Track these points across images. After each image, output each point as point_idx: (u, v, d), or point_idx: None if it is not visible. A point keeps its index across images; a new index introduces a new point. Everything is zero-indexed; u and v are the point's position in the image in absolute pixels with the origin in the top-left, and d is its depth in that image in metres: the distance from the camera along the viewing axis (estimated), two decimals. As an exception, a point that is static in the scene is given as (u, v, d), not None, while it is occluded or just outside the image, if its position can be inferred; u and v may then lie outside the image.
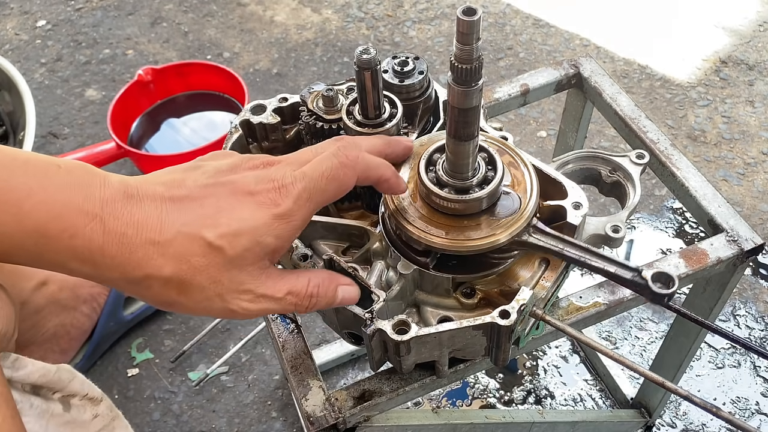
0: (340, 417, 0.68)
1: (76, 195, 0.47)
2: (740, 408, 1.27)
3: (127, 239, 0.48)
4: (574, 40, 1.89)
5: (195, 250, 0.49)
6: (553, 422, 0.98)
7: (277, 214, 0.52)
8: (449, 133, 0.60)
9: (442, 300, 0.67)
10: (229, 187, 0.52)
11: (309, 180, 0.53)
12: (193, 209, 0.50)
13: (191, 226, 0.49)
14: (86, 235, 0.47)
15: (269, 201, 0.52)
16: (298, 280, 0.55)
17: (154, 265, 0.48)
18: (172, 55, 1.91)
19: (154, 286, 0.49)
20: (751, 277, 1.42)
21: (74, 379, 0.67)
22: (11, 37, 1.97)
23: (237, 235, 0.50)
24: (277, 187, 0.52)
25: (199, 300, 0.51)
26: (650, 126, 0.93)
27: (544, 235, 0.65)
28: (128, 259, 0.48)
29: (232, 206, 0.51)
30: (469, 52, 0.53)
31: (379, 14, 1.97)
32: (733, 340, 0.62)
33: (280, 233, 0.52)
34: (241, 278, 0.51)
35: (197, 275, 0.49)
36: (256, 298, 0.53)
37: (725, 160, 1.61)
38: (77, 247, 0.47)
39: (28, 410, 0.62)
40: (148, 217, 0.48)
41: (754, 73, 1.78)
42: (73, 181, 0.48)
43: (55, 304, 1.19)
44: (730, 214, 0.83)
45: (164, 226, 0.48)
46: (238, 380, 1.31)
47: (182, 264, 0.49)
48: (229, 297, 0.51)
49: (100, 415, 0.70)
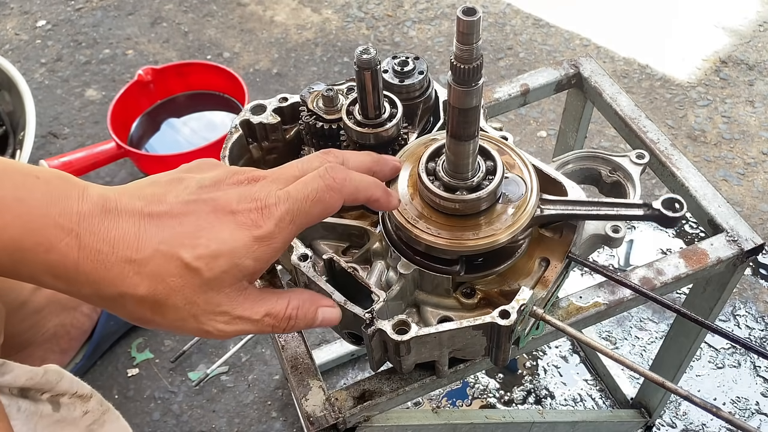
0: (340, 417, 0.68)
1: (53, 208, 0.46)
2: (740, 408, 1.27)
3: (102, 256, 0.47)
4: (574, 40, 1.89)
5: (171, 270, 0.48)
6: (553, 422, 0.98)
7: (257, 236, 0.50)
8: (449, 133, 0.60)
9: (442, 300, 0.67)
10: (211, 204, 0.51)
11: (293, 202, 0.52)
12: (172, 227, 0.49)
13: (169, 244, 0.48)
14: (61, 250, 0.46)
15: (250, 222, 0.50)
16: (277, 302, 0.54)
17: (129, 284, 0.47)
18: (172, 55, 1.91)
19: (128, 304, 0.49)
20: (751, 277, 1.42)
21: (62, 379, 0.67)
22: (11, 37, 1.97)
23: (215, 257, 0.49)
24: (260, 207, 0.51)
25: (174, 320, 0.50)
26: (650, 126, 0.93)
27: (552, 204, 0.67)
28: (103, 277, 0.47)
29: (212, 225, 0.50)
30: (469, 52, 0.53)
31: (379, 14, 1.97)
32: (733, 340, 0.62)
33: (259, 256, 0.51)
34: (217, 300, 0.50)
35: (172, 295, 0.49)
36: (232, 320, 0.52)
37: (725, 160, 1.61)
38: (52, 262, 0.46)
39: (15, 414, 0.61)
40: (125, 233, 0.47)
41: (754, 73, 1.78)
42: (51, 193, 0.47)
43: (55, 304, 1.19)
44: (730, 214, 0.83)
45: (141, 244, 0.48)
46: (238, 380, 1.31)
47: (158, 284, 0.48)
48: (204, 318, 0.50)
49: (91, 411, 0.70)
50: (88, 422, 0.70)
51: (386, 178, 0.65)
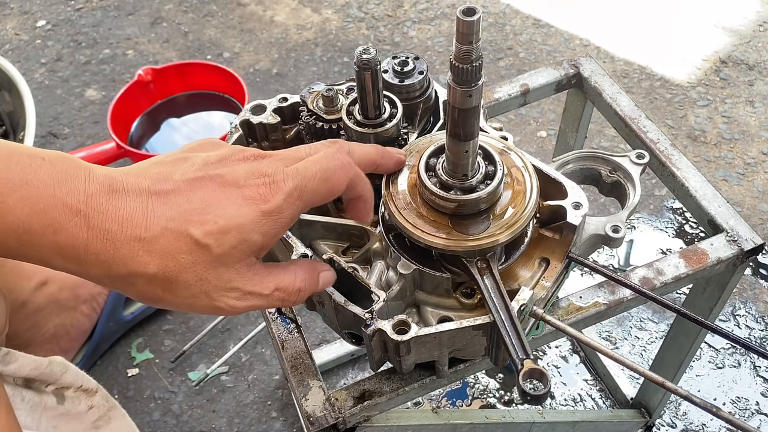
0: (340, 417, 0.68)
1: (60, 189, 0.46)
2: (740, 408, 1.27)
3: (111, 235, 0.46)
4: (574, 40, 1.89)
5: (181, 247, 0.48)
6: (553, 422, 0.98)
7: (265, 210, 0.50)
8: (449, 133, 0.60)
9: (442, 300, 0.67)
10: (218, 180, 0.51)
11: (301, 178, 0.52)
12: (180, 204, 0.49)
13: (177, 222, 0.48)
14: (70, 231, 0.46)
15: (258, 196, 0.51)
16: (285, 275, 0.55)
17: (140, 262, 0.47)
18: (172, 55, 1.91)
19: (139, 283, 0.49)
20: (751, 277, 1.42)
21: (67, 372, 0.67)
22: (11, 37, 1.97)
23: (224, 232, 0.49)
24: (268, 183, 0.51)
25: (185, 297, 0.50)
26: (650, 126, 0.93)
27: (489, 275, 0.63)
28: (113, 256, 0.47)
29: (219, 201, 0.50)
30: (469, 52, 0.53)
31: (379, 14, 1.97)
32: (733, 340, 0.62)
33: (267, 230, 0.51)
34: (228, 276, 0.50)
35: (183, 273, 0.49)
36: (243, 296, 0.52)
37: (725, 160, 1.61)
38: (61, 243, 0.46)
39: (19, 404, 0.61)
40: (134, 212, 0.47)
41: (754, 73, 1.78)
42: (57, 175, 0.47)
43: (55, 304, 1.19)
44: (730, 214, 0.83)
45: (150, 222, 0.47)
46: (238, 380, 1.31)
47: (168, 261, 0.48)
48: (215, 295, 0.51)
49: (96, 406, 0.69)
50: (93, 418, 0.69)
51: (389, 171, 0.66)
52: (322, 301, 0.67)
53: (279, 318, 0.75)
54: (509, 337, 0.59)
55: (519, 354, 0.58)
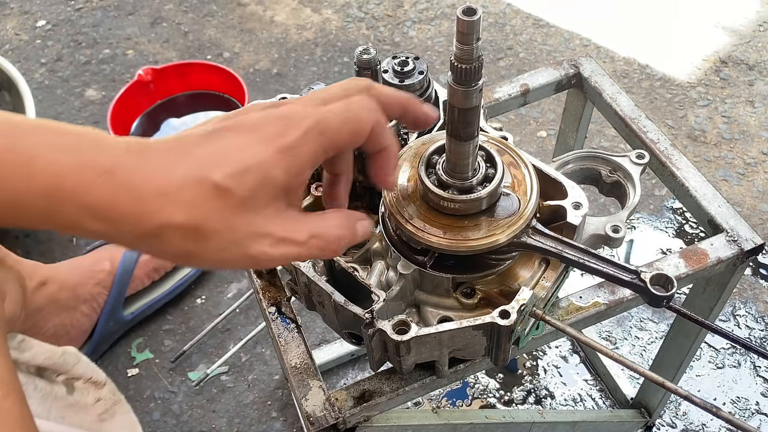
0: (340, 417, 0.68)
1: (87, 153, 0.47)
2: (740, 408, 1.27)
3: (137, 191, 0.47)
4: (574, 40, 1.89)
5: (204, 194, 0.48)
6: (553, 422, 0.98)
7: (282, 146, 0.50)
8: (449, 133, 0.60)
9: (442, 300, 0.67)
10: (235, 129, 0.51)
11: (322, 116, 0.51)
12: (201, 155, 0.49)
13: (199, 170, 0.48)
14: (97, 190, 0.46)
15: (275, 133, 0.50)
16: (320, 222, 0.53)
17: (167, 213, 0.47)
18: (172, 55, 1.91)
19: (168, 237, 0.48)
20: (751, 277, 1.42)
21: (79, 363, 0.67)
22: (11, 37, 1.97)
23: (243, 172, 0.48)
24: (286, 122, 0.51)
25: (217, 248, 0.49)
26: (650, 126, 0.93)
27: (543, 237, 0.65)
28: (140, 211, 0.47)
29: (237, 145, 0.49)
30: (469, 52, 0.53)
31: (379, 14, 1.97)
32: (733, 340, 0.62)
33: (287, 167, 0.50)
34: (257, 221, 0.50)
35: (211, 220, 0.48)
36: (277, 242, 0.51)
37: (725, 160, 1.61)
38: (90, 204, 0.46)
39: (32, 392, 0.62)
40: (158, 167, 0.48)
41: (754, 73, 1.78)
42: (84, 141, 0.47)
43: (55, 304, 1.19)
44: (730, 214, 0.83)
45: (173, 174, 0.48)
46: (238, 380, 1.31)
47: (194, 210, 0.48)
48: (247, 243, 0.50)
49: (103, 399, 0.70)
50: (99, 410, 0.69)
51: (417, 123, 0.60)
52: (322, 301, 0.67)
53: (279, 318, 0.75)
54: (610, 269, 0.61)
55: (628, 275, 0.60)
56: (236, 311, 1.36)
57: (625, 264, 0.62)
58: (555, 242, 0.64)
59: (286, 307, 0.76)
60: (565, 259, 0.64)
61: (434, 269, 0.65)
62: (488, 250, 0.63)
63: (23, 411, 0.46)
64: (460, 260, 0.66)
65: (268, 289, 0.77)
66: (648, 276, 0.59)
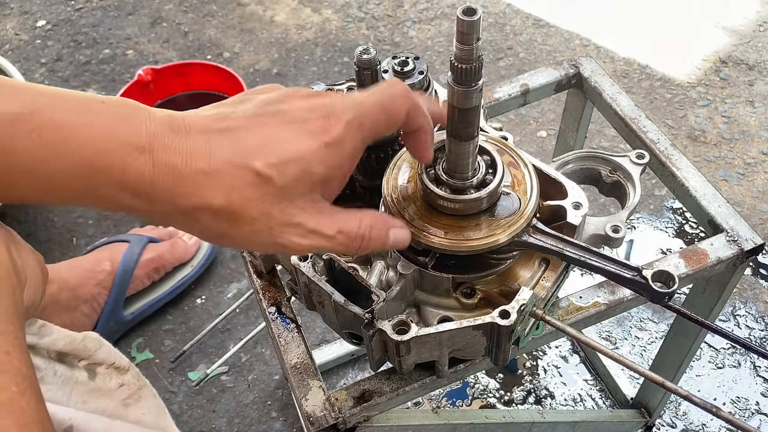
0: (340, 417, 0.68)
1: (122, 130, 0.46)
2: (740, 408, 1.27)
3: (176, 170, 0.47)
4: (574, 40, 1.89)
5: (245, 180, 0.48)
6: (553, 422, 0.98)
7: (327, 141, 0.51)
8: (449, 133, 0.60)
9: (442, 300, 0.67)
10: (279, 117, 0.51)
11: (360, 108, 0.52)
12: (242, 139, 0.49)
13: (240, 156, 0.48)
14: (136, 168, 0.46)
15: (319, 128, 0.51)
16: (349, 219, 0.54)
17: (205, 195, 0.48)
18: (172, 55, 1.91)
19: (204, 218, 0.49)
20: (751, 277, 1.42)
21: (101, 348, 0.67)
22: (11, 37, 1.97)
23: (286, 163, 0.49)
24: (328, 114, 0.51)
25: (250, 233, 0.50)
26: (650, 126, 0.93)
27: (544, 236, 0.65)
28: (180, 190, 0.47)
29: (280, 135, 0.50)
30: (469, 52, 0.53)
31: (379, 14, 1.97)
32: (733, 340, 0.62)
33: (330, 162, 0.51)
34: (291, 211, 0.50)
35: (247, 207, 0.49)
36: (307, 233, 0.52)
37: (725, 160, 1.61)
38: (128, 182, 0.46)
39: (51, 378, 0.62)
40: (197, 148, 0.48)
41: (754, 73, 1.78)
42: (117, 116, 0.47)
43: (55, 304, 1.19)
44: (730, 214, 0.83)
45: (213, 157, 0.48)
46: (238, 380, 1.31)
47: (233, 194, 0.48)
48: (278, 230, 0.51)
49: (126, 384, 0.70)
50: (123, 395, 0.69)
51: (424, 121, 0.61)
52: (322, 301, 0.67)
53: (279, 318, 0.75)
54: (612, 267, 0.61)
55: (630, 273, 0.60)
56: (236, 311, 1.36)
57: (626, 262, 0.62)
58: (556, 241, 0.64)
59: (286, 307, 0.76)
60: (566, 257, 0.64)
61: (434, 269, 0.65)
62: (489, 249, 0.63)
63: (39, 409, 0.46)
64: (461, 260, 0.66)
65: (268, 289, 0.77)
66: (649, 273, 0.59)
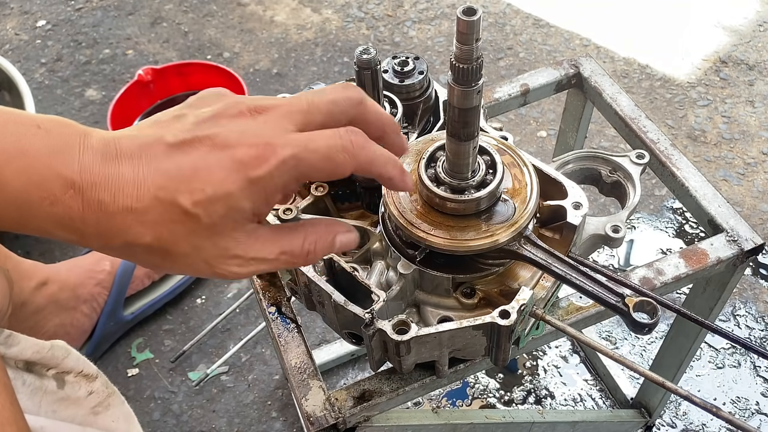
0: (340, 417, 0.68)
1: (55, 159, 0.46)
2: (740, 408, 1.27)
3: (104, 208, 0.46)
4: (574, 39, 1.89)
5: (172, 216, 0.47)
6: (553, 422, 0.98)
7: (253, 177, 0.47)
8: (449, 133, 0.60)
9: (442, 300, 0.67)
10: (207, 142, 0.48)
11: (302, 149, 0.48)
12: (169, 171, 0.47)
13: (167, 191, 0.47)
14: (66, 203, 0.45)
15: (249, 157, 0.47)
16: (292, 239, 0.52)
17: (134, 233, 0.47)
18: (172, 55, 1.91)
19: (137, 253, 0.48)
20: (751, 277, 1.42)
21: (69, 356, 0.66)
22: (11, 37, 1.97)
23: (211, 202, 0.47)
24: (262, 145, 0.48)
25: (186, 265, 0.49)
26: (650, 126, 0.93)
27: (534, 247, 0.64)
28: (107, 227, 0.46)
29: (208, 166, 0.47)
30: (469, 52, 0.53)
31: (379, 14, 1.97)
32: (733, 340, 0.62)
33: (256, 198, 0.48)
34: (225, 244, 0.49)
35: (177, 243, 0.48)
36: (246, 262, 0.50)
37: (725, 160, 1.61)
38: (59, 215, 0.46)
39: (21, 387, 0.61)
40: (125, 181, 0.46)
41: (754, 73, 1.78)
42: (53, 144, 0.46)
43: (55, 304, 1.19)
44: (730, 214, 0.83)
45: (141, 192, 0.46)
46: (238, 380, 1.31)
47: (162, 231, 0.47)
48: (215, 262, 0.49)
49: (95, 392, 0.69)
50: (92, 403, 0.69)
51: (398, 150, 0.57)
52: (322, 301, 0.67)
53: (279, 318, 0.75)
54: (596, 289, 0.60)
55: (613, 297, 0.59)
56: (236, 311, 1.36)
57: (613, 285, 0.60)
58: (545, 254, 0.63)
59: (286, 307, 0.76)
60: (551, 272, 0.63)
61: (434, 269, 0.65)
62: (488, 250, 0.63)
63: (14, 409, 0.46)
64: (460, 260, 0.66)
65: (268, 289, 0.77)
66: (633, 302, 0.57)
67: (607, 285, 0.60)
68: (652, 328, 0.57)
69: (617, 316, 0.60)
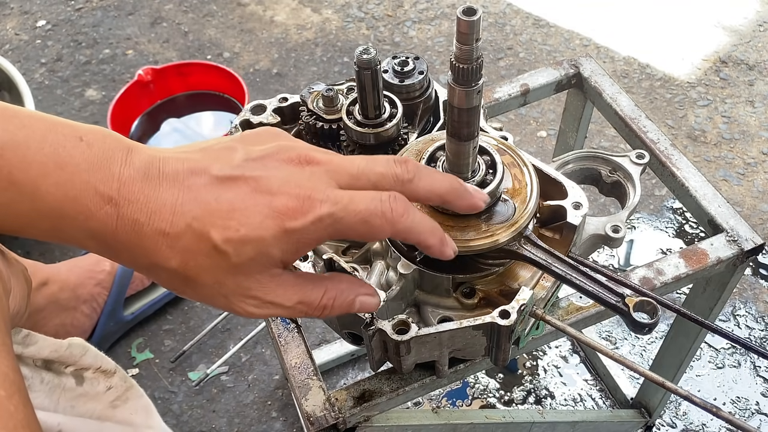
0: (340, 417, 0.68)
1: (94, 174, 0.46)
2: (740, 408, 1.27)
3: (138, 226, 0.47)
4: (574, 39, 1.89)
5: (201, 248, 0.47)
6: (553, 422, 0.98)
7: (289, 228, 0.48)
8: (449, 133, 0.60)
9: (442, 300, 0.67)
10: (251, 184, 0.48)
11: (340, 209, 0.49)
12: (208, 203, 0.48)
13: (202, 222, 0.47)
14: (101, 218, 0.46)
15: (286, 210, 0.48)
16: (313, 290, 0.52)
17: (162, 256, 0.48)
18: (172, 55, 1.91)
19: (161, 275, 0.49)
20: (751, 277, 1.42)
21: (86, 353, 0.67)
22: (11, 37, 1.97)
23: (243, 243, 0.47)
24: (302, 198, 0.48)
25: (204, 295, 0.50)
26: (650, 126, 0.93)
27: (534, 247, 0.64)
28: (138, 246, 0.47)
29: (246, 207, 0.48)
30: (469, 52, 0.53)
31: (379, 14, 1.97)
32: (733, 340, 0.62)
33: (287, 248, 0.49)
34: (247, 284, 0.49)
35: (202, 274, 0.48)
36: (262, 304, 0.51)
37: (725, 160, 1.61)
38: (92, 229, 0.47)
39: (38, 386, 0.62)
40: (163, 204, 0.47)
41: (754, 73, 1.78)
42: (93, 158, 0.46)
43: (55, 304, 1.19)
44: (730, 214, 0.83)
45: (176, 218, 0.47)
46: (238, 380, 1.31)
47: (189, 260, 0.48)
48: (233, 299, 0.50)
49: (114, 387, 0.70)
50: (111, 398, 0.70)
51: (459, 211, 0.59)
52: (322, 301, 0.67)
53: (279, 318, 0.75)
54: (596, 289, 0.59)
55: (613, 297, 0.59)
56: (236, 311, 1.36)
57: (613, 286, 0.60)
58: (545, 254, 0.63)
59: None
60: (551, 272, 0.62)
61: (434, 269, 0.65)
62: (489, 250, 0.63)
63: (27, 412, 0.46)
64: (460, 260, 0.66)
65: (268, 289, 0.77)
66: (633, 302, 0.57)
67: (607, 285, 0.60)
68: (652, 328, 0.57)
69: (617, 316, 0.59)
